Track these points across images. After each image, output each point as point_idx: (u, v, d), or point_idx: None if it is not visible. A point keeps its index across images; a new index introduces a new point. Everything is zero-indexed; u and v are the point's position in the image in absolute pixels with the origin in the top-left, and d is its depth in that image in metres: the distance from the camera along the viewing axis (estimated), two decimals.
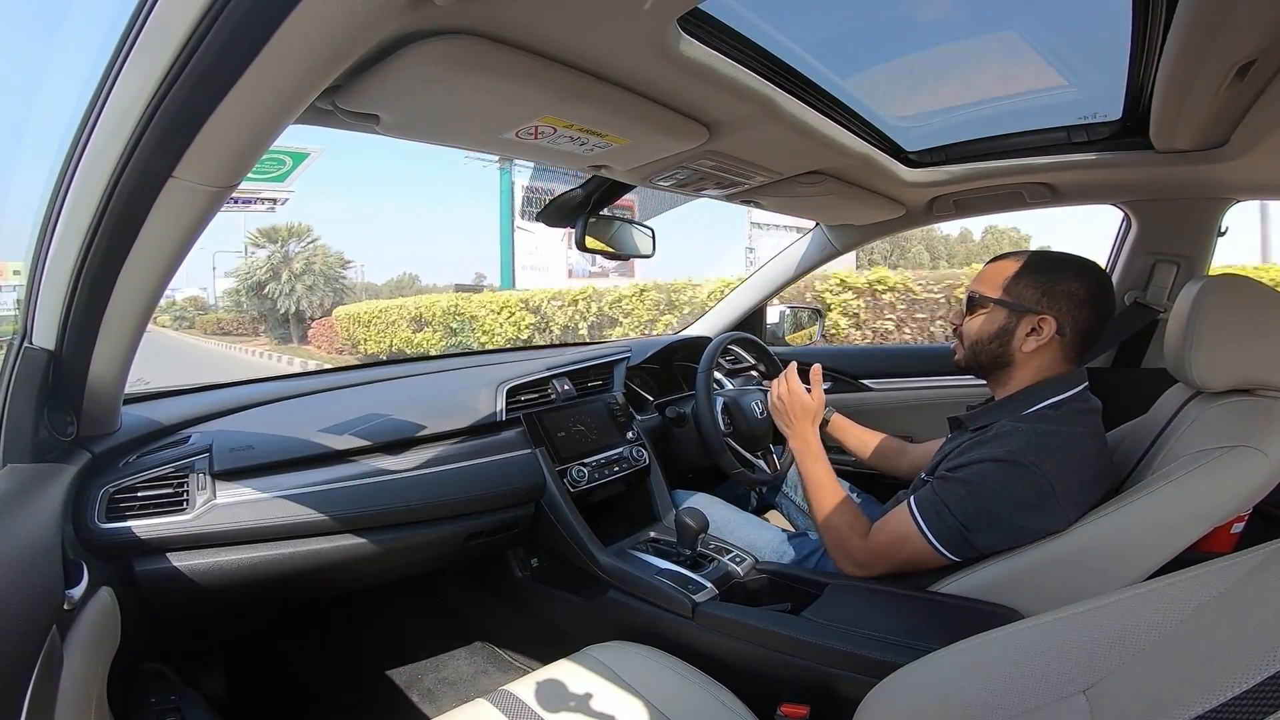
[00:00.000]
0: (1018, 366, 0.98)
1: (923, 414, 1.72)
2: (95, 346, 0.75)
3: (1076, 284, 0.94)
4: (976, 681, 0.56)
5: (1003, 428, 0.94)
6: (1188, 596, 0.46)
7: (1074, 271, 0.95)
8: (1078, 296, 0.94)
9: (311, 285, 22.10)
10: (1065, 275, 0.94)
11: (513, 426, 1.28)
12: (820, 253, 1.83)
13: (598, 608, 1.18)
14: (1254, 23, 0.61)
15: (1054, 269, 0.95)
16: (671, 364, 1.82)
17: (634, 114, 0.78)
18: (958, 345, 1.05)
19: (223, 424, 1.09)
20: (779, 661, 0.92)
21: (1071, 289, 0.94)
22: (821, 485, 1.10)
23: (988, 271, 1.01)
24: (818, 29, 0.89)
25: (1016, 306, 0.96)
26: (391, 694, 1.35)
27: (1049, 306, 0.94)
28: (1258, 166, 1.06)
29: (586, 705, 0.83)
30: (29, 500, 0.71)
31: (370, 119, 0.69)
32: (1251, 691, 0.33)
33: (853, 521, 1.03)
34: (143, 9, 0.49)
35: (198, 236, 0.67)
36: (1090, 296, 0.94)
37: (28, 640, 0.52)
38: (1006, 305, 0.97)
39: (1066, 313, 0.94)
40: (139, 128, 0.53)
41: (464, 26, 0.57)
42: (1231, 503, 0.82)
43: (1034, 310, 0.94)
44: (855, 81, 1.00)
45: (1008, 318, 0.97)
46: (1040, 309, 0.94)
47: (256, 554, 0.94)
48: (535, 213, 1.30)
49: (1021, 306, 0.95)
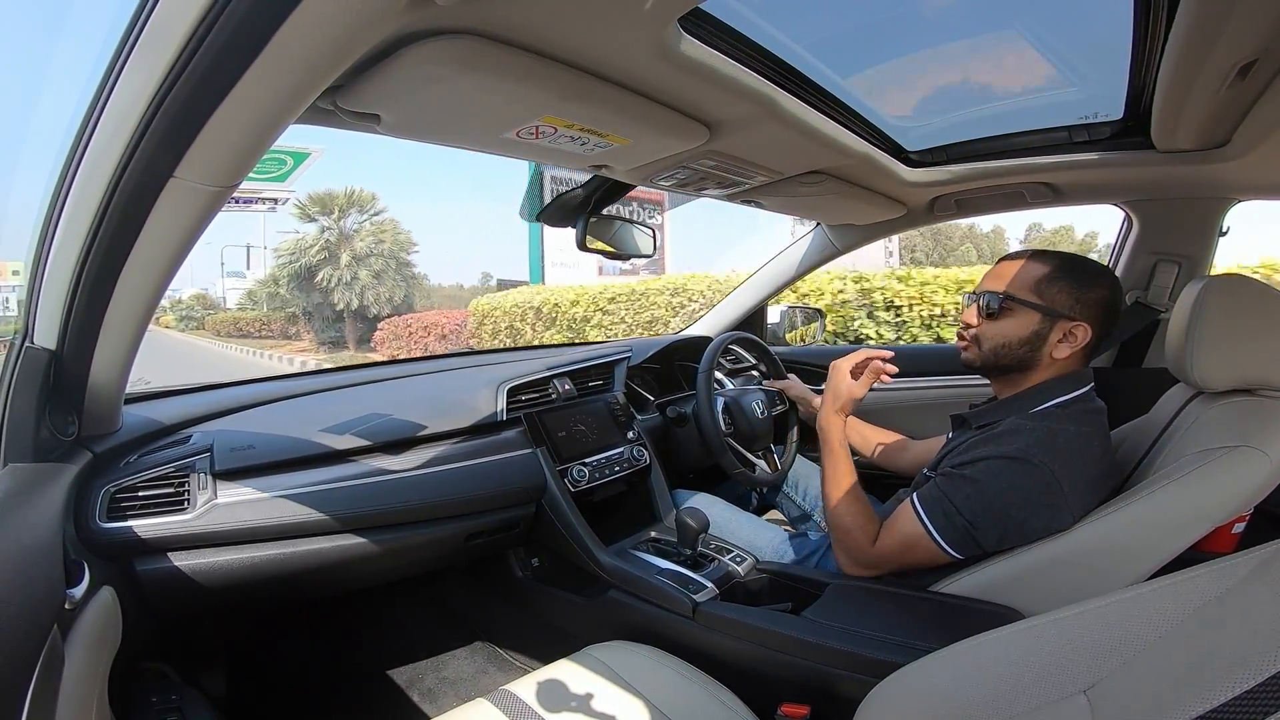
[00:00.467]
0: (1041, 369, 0.96)
1: (925, 413, 1.72)
2: (96, 346, 0.75)
3: (1106, 291, 0.93)
4: (977, 681, 0.56)
5: (1011, 425, 0.93)
6: (1189, 597, 0.46)
7: (1104, 278, 0.94)
8: (1106, 303, 0.93)
9: (380, 272, 16.21)
10: (1098, 281, 0.93)
11: (513, 426, 1.28)
12: (821, 253, 1.83)
13: (598, 607, 1.18)
14: (1255, 23, 0.61)
15: (1087, 275, 0.94)
16: (672, 364, 1.82)
17: (635, 114, 0.78)
18: (971, 345, 1.01)
19: (224, 424, 1.09)
20: (779, 661, 0.92)
21: (1101, 296, 0.93)
22: (838, 478, 1.05)
23: (1005, 270, 0.98)
24: (818, 28, 0.89)
25: (1051, 311, 0.94)
26: (392, 693, 1.35)
27: (1082, 314, 0.93)
28: (1259, 166, 1.05)
29: (587, 705, 0.83)
30: (30, 500, 0.71)
31: (371, 119, 0.69)
32: (1252, 692, 0.33)
33: (864, 524, 1.00)
34: (144, 9, 0.49)
35: (199, 236, 0.67)
36: (1115, 305, 0.94)
37: (29, 640, 0.52)
38: (1040, 309, 0.94)
39: (1096, 319, 0.93)
40: (140, 128, 0.54)
41: (465, 26, 0.57)
42: (1233, 503, 0.82)
43: (1068, 316, 0.93)
44: (856, 81, 1.00)
45: (1041, 322, 0.94)
46: (1074, 315, 0.93)
47: (257, 553, 0.94)
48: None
49: (1056, 312, 0.93)
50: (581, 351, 1.64)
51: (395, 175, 70.98)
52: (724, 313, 1.99)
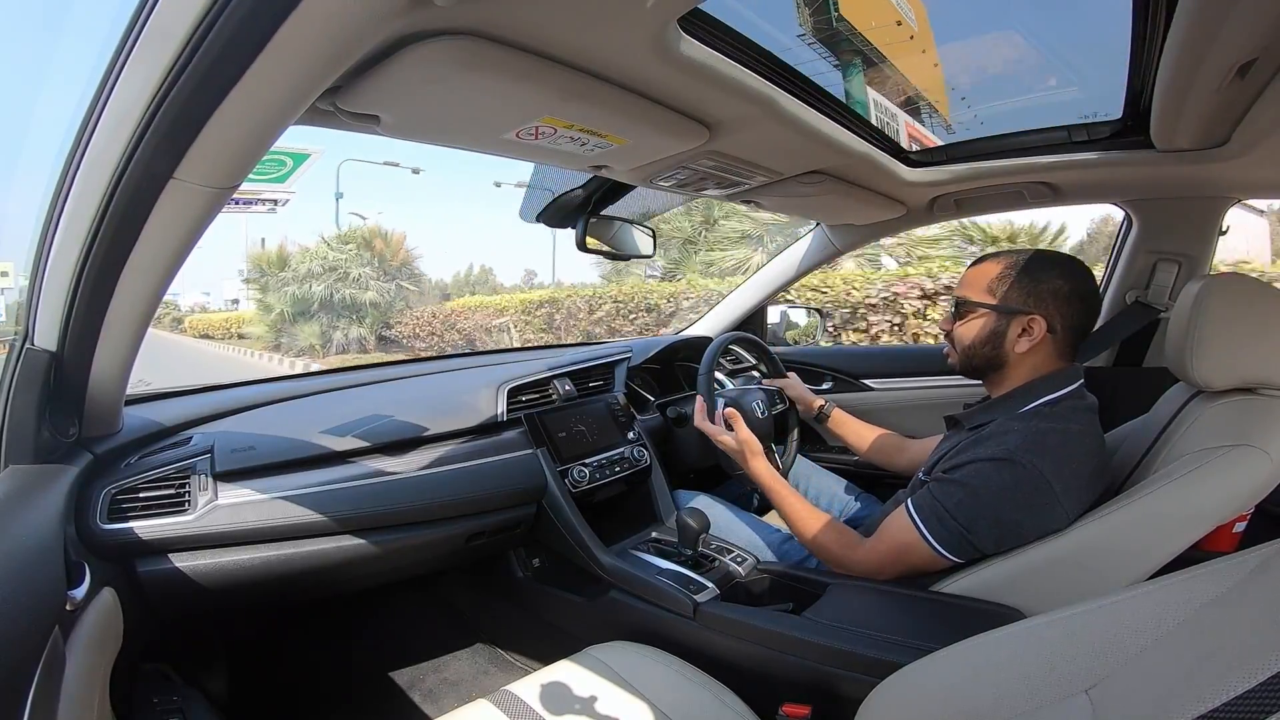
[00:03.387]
0: (1012, 367, 0.98)
1: (923, 413, 1.72)
2: (97, 348, 0.75)
3: (1060, 281, 0.94)
4: (979, 681, 0.56)
5: (999, 427, 0.94)
6: (1190, 596, 0.46)
7: (1057, 269, 0.95)
8: (1063, 293, 0.94)
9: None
10: (1049, 273, 0.95)
11: (514, 427, 1.28)
12: (821, 252, 1.83)
13: (599, 608, 1.18)
14: (1254, 22, 0.61)
15: (1037, 268, 0.96)
16: (673, 364, 1.82)
17: (635, 114, 0.78)
18: (950, 350, 1.06)
19: (224, 425, 1.09)
20: (781, 661, 0.92)
21: (1056, 286, 0.94)
22: (793, 513, 1.10)
23: (971, 275, 1.02)
24: None
25: (1004, 309, 0.96)
26: (393, 694, 1.35)
27: (1036, 306, 0.94)
28: (1259, 165, 1.05)
29: (588, 705, 0.83)
30: (31, 501, 0.71)
31: (371, 120, 0.69)
32: (1254, 691, 0.33)
33: (839, 538, 1.04)
34: (143, 10, 0.49)
35: (199, 237, 0.67)
36: (1075, 291, 0.94)
37: (30, 641, 0.52)
38: (994, 308, 0.97)
39: (1055, 310, 0.94)
40: (140, 128, 0.54)
41: (464, 27, 0.57)
42: (1233, 502, 0.82)
43: (1022, 311, 0.95)
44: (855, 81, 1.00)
45: (998, 321, 0.97)
46: (1028, 309, 0.95)
47: (258, 554, 0.94)
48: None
49: (1009, 308, 0.96)
50: (582, 352, 1.64)
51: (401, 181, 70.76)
52: (724, 313, 1.99)
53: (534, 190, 1.29)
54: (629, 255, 1.39)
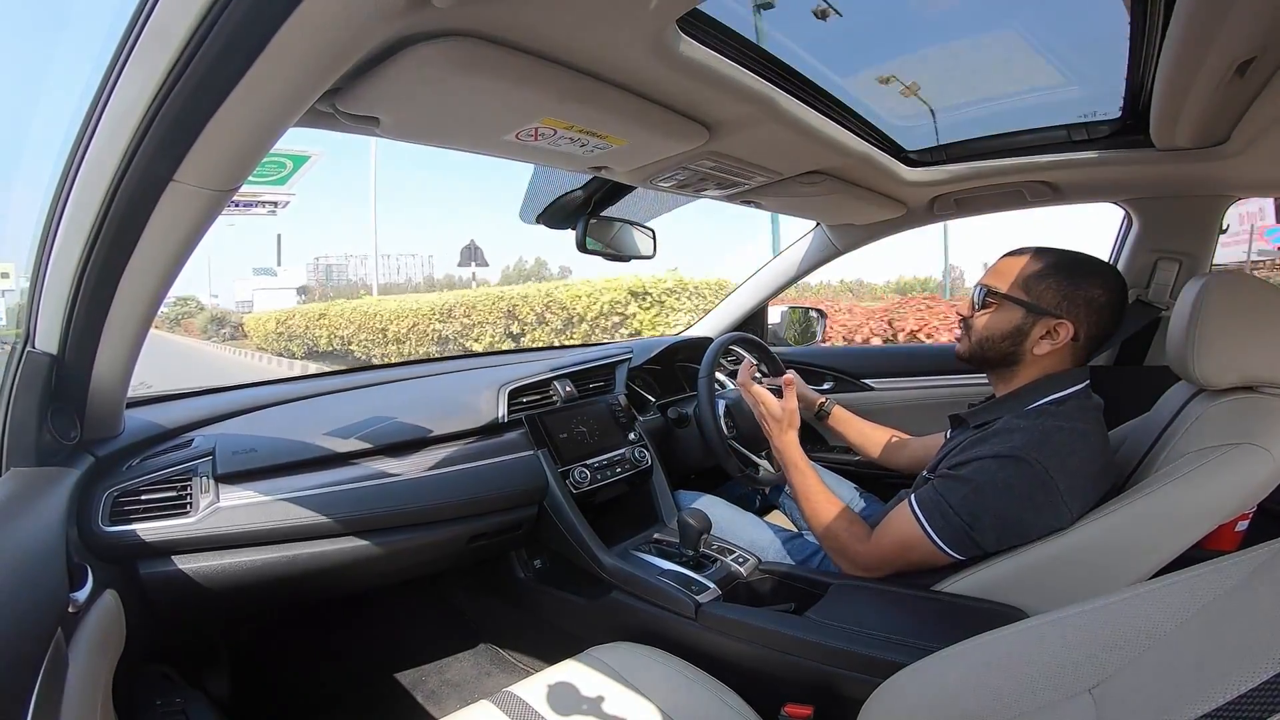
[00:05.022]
0: (1025, 365, 0.96)
1: (925, 413, 1.72)
2: (98, 350, 0.75)
3: (1099, 291, 0.92)
4: (981, 681, 0.56)
5: (1005, 424, 0.93)
6: (1193, 595, 0.46)
7: (1099, 277, 0.93)
8: (1098, 303, 0.92)
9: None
10: (1090, 280, 0.92)
11: (515, 428, 1.28)
12: (821, 252, 1.83)
13: (601, 609, 1.18)
14: (1253, 20, 0.61)
15: (1079, 273, 0.93)
16: (673, 365, 1.82)
17: (634, 115, 0.78)
18: (964, 337, 1.02)
19: (226, 427, 1.10)
20: (783, 662, 0.92)
21: (1094, 295, 0.92)
22: (811, 495, 1.08)
23: (1004, 265, 0.98)
24: (818, 28, 0.89)
25: (1034, 307, 0.93)
26: (396, 696, 1.35)
27: (1068, 311, 0.92)
28: (1258, 163, 1.05)
29: (590, 707, 0.83)
30: (33, 504, 0.71)
31: (370, 121, 0.69)
32: (1257, 690, 0.33)
33: (850, 527, 1.02)
34: (142, 12, 0.49)
35: (199, 240, 0.67)
36: (1110, 303, 0.92)
37: (33, 643, 0.52)
38: (1024, 305, 0.94)
39: (1085, 318, 0.92)
40: (139, 132, 0.54)
41: (464, 28, 0.57)
42: (1235, 500, 0.82)
43: (1052, 313, 0.92)
44: (855, 81, 1.00)
45: (1024, 318, 0.94)
46: (1059, 313, 0.92)
47: (260, 556, 0.94)
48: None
49: (1039, 308, 0.93)
50: (583, 353, 1.64)
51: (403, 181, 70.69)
52: (725, 313, 2.00)
53: (534, 190, 1.29)
54: (629, 256, 1.39)
